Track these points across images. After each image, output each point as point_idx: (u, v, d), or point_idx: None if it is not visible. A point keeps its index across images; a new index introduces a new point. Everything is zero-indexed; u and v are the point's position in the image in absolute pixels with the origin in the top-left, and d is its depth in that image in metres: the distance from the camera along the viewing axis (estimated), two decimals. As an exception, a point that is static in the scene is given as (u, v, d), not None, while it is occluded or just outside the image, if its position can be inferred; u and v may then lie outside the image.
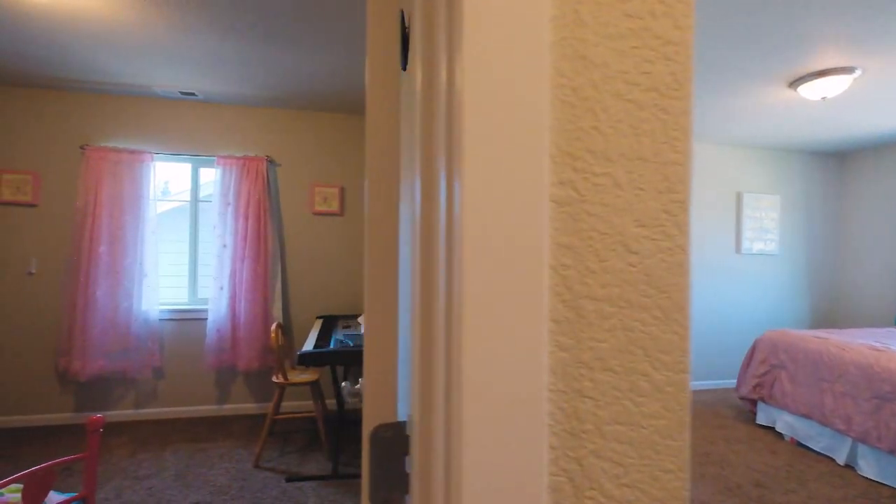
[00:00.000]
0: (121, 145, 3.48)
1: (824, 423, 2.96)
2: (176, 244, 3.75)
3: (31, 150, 3.36)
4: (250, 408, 3.68)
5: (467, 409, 0.31)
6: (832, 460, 2.96)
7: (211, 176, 3.79)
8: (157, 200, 3.51)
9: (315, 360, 2.49)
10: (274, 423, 2.78)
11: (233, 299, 3.55)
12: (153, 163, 3.47)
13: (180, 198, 3.91)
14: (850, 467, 2.86)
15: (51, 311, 3.37)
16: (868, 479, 2.72)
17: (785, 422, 3.30)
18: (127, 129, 3.50)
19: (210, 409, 3.62)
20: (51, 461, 1.23)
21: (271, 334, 2.80)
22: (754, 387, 3.51)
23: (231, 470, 2.74)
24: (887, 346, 2.92)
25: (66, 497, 1.47)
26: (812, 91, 2.95)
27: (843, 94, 3.18)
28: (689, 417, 0.37)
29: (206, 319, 3.60)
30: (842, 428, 2.84)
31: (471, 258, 0.31)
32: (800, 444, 3.19)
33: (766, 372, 3.47)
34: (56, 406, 3.38)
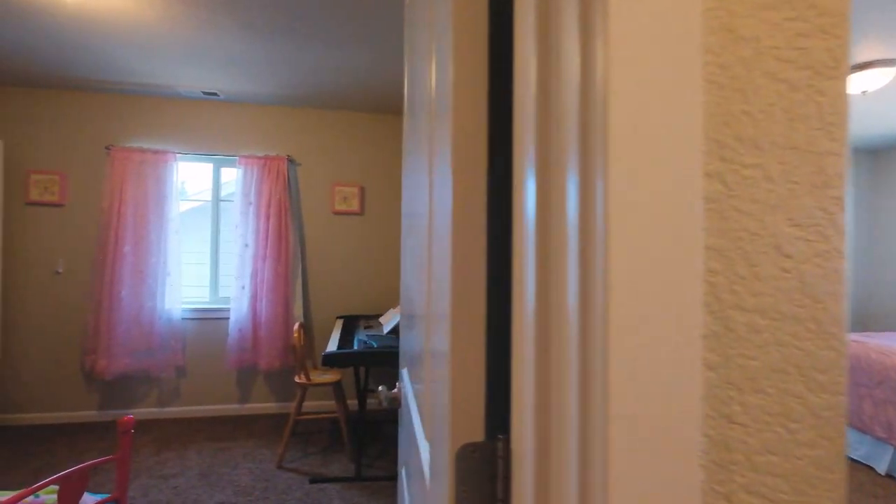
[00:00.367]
0: (145, 146, 3.50)
1: (863, 430, 2.84)
2: (198, 244, 3.77)
3: (58, 150, 3.40)
4: (271, 407, 3.68)
5: (615, 441, 0.26)
6: (872, 469, 2.84)
7: (231, 175, 3.80)
8: (179, 200, 3.53)
9: (340, 361, 2.46)
10: (296, 424, 2.78)
11: (254, 299, 3.55)
12: (176, 163, 3.49)
13: (200, 197, 3.93)
14: (891, 477, 2.75)
15: (77, 310, 3.41)
16: (912, 489, 2.61)
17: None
18: (150, 130, 3.52)
19: (231, 409, 3.63)
20: (84, 463, 1.22)
21: (294, 334, 2.79)
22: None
23: (254, 470, 2.73)
24: (931, 351, 2.79)
25: (99, 498, 1.46)
26: (852, 85, 2.84)
27: (884, 87, 3.05)
28: (846, 447, 0.32)
29: (227, 319, 3.61)
30: (883, 436, 2.72)
31: (619, 267, 0.26)
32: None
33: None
34: (82, 404, 3.41)
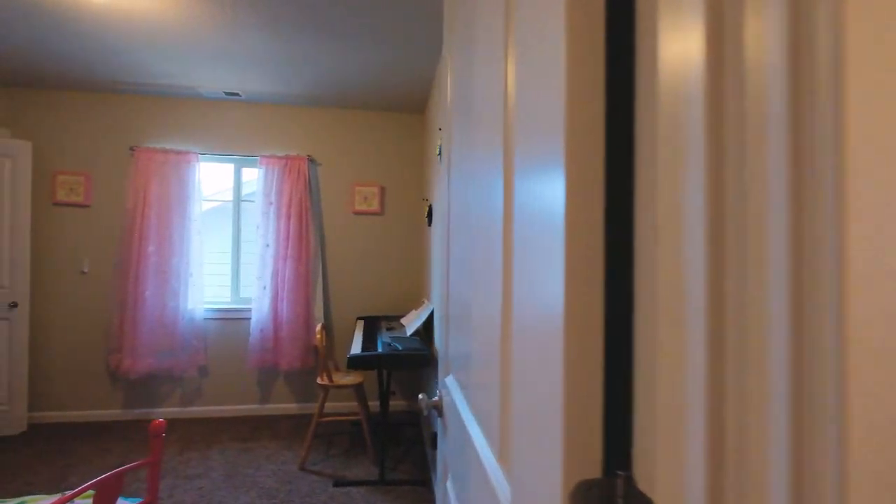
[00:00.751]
0: (168, 146, 3.52)
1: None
2: (219, 244, 3.78)
3: (83, 151, 3.43)
4: (292, 408, 3.68)
5: None
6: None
7: (252, 175, 3.80)
8: (201, 200, 3.54)
9: (365, 363, 2.43)
10: (318, 426, 2.76)
11: (275, 299, 3.54)
12: (198, 163, 3.50)
13: (221, 197, 3.94)
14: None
15: (102, 309, 3.44)
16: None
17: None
18: (173, 131, 3.54)
19: (253, 409, 3.63)
20: (119, 468, 1.20)
21: (316, 335, 2.77)
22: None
23: (278, 472, 2.72)
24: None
25: (132, 503, 1.44)
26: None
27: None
28: None
29: (248, 319, 3.61)
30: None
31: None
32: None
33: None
34: (107, 402, 3.45)
